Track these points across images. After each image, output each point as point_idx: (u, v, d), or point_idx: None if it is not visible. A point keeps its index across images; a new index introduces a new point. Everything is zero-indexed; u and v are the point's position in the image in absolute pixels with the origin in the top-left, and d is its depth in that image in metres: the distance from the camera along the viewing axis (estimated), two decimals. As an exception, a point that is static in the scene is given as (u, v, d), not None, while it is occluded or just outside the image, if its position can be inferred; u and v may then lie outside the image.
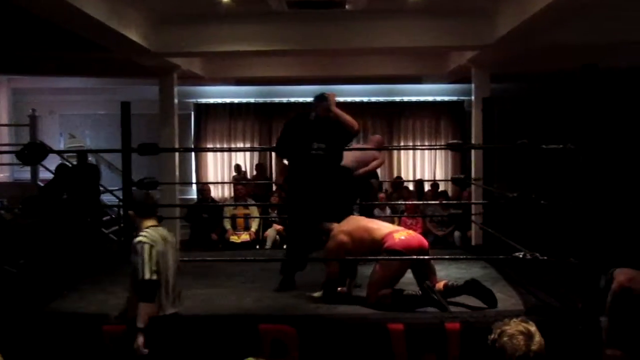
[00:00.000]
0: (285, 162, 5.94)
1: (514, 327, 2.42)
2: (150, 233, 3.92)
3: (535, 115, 11.67)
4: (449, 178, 12.22)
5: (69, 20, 6.76)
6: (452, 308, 4.77)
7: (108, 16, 6.88)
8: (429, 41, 8.43)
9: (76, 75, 11.58)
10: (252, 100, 13.51)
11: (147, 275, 3.81)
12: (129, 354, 3.92)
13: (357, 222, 5.30)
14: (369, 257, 5.08)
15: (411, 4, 7.85)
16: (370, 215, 6.42)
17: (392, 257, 4.87)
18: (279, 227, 9.93)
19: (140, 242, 3.86)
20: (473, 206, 8.57)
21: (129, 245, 4.04)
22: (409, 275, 5.03)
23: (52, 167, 9.59)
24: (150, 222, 4.02)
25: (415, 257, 4.89)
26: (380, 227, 5.13)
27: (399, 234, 4.98)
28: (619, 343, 3.88)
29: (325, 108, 5.56)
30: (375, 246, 4.99)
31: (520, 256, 4.80)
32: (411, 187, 12.24)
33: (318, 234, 5.36)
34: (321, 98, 5.59)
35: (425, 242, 5.08)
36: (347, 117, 5.59)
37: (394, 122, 13.47)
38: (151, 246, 3.84)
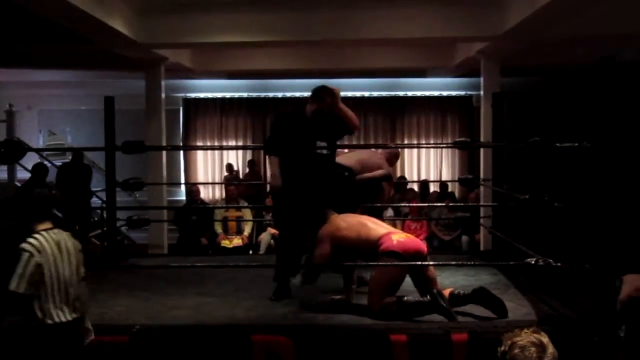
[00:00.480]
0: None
1: (525, 338, 2.42)
2: (37, 239, 3.83)
3: (548, 111, 11.64)
4: (456, 178, 12.22)
5: (48, 8, 6.75)
6: (459, 318, 4.77)
7: (90, 4, 6.87)
8: (435, 31, 8.43)
9: (56, 67, 11.58)
10: (244, 94, 13.50)
11: (12, 286, 3.73)
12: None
13: (357, 217, 5.36)
14: (371, 264, 5.08)
15: (416, -8, 7.87)
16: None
17: (398, 264, 4.86)
18: (273, 230, 9.93)
19: (21, 248, 3.78)
20: (482, 209, 8.56)
21: (113, 250, 4.03)
22: (408, 281, 5.03)
23: (30, 166, 9.61)
24: (43, 226, 3.93)
25: (420, 263, 4.90)
26: (378, 227, 5.14)
27: (397, 236, 4.99)
28: (633, 353, 3.90)
29: (330, 104, 5.53)
30: (370, 245, 4.98)
31: (532, 262, 4.80)
32: (415, 188, 12.24)
33: (318, 219, 5.35)
34: (326, 93, 5.55)
35: (423, 247, 5.10)
36: (350, 113, 5.59)
37: (396, 118, 13.45)
38: (30, 256, 3.75)
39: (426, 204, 11.09)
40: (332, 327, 4.71)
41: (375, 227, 5.15)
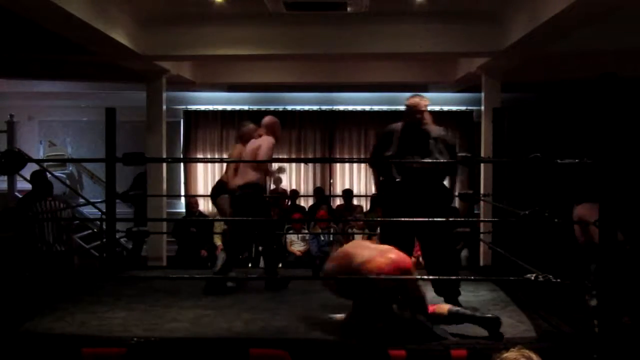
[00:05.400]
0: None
1: (512, 356, 2.42)
2: None
3: (549, 127, 11.68)
4: (456, 193, 12.20)
5: (50, 19, 6.76)
6: (458, 334, 4.76)
7: (92, 15, 6.89)
8: (436, 46, 8.45)
9: (57, 78, 11.60)
10: (245, 107, 13.51)
11: None
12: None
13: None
14: (389, 278, 5.00)
15: (417, 7, 7.88)
16: None
17: (415, 277, 4.82)
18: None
19: None
20: (482, 224, 8.57)
21: (112, 262, 4.02)
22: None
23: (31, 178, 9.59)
24: None
25: (422, 277, 4.88)
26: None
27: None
28: None
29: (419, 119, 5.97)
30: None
31: (532, 278, 4.79)
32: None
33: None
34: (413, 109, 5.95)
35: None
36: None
37: (397, 132, 13.45)
38: None
39: (425, 219, 11.04)
40: (330, 341, 4.69)
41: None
